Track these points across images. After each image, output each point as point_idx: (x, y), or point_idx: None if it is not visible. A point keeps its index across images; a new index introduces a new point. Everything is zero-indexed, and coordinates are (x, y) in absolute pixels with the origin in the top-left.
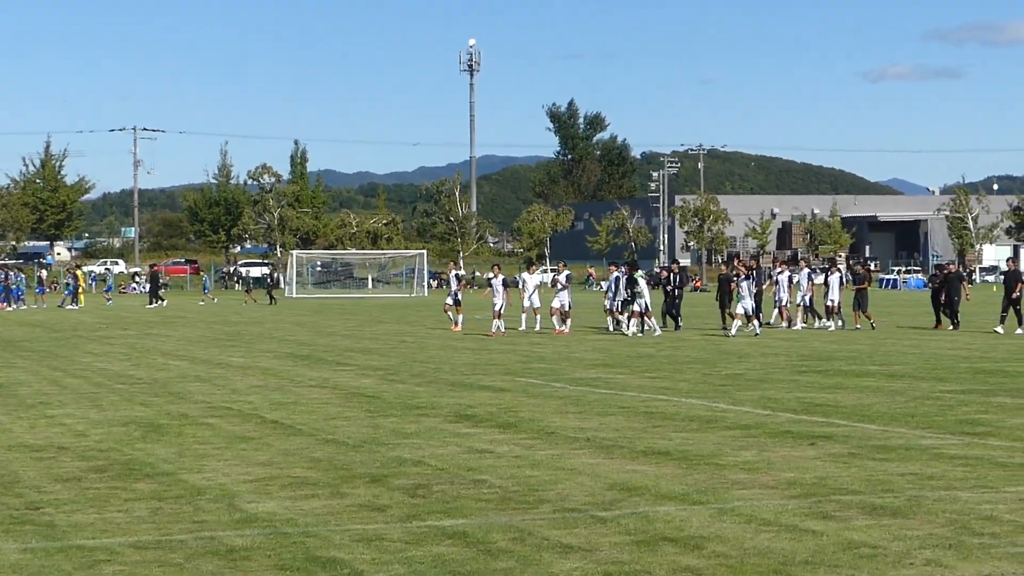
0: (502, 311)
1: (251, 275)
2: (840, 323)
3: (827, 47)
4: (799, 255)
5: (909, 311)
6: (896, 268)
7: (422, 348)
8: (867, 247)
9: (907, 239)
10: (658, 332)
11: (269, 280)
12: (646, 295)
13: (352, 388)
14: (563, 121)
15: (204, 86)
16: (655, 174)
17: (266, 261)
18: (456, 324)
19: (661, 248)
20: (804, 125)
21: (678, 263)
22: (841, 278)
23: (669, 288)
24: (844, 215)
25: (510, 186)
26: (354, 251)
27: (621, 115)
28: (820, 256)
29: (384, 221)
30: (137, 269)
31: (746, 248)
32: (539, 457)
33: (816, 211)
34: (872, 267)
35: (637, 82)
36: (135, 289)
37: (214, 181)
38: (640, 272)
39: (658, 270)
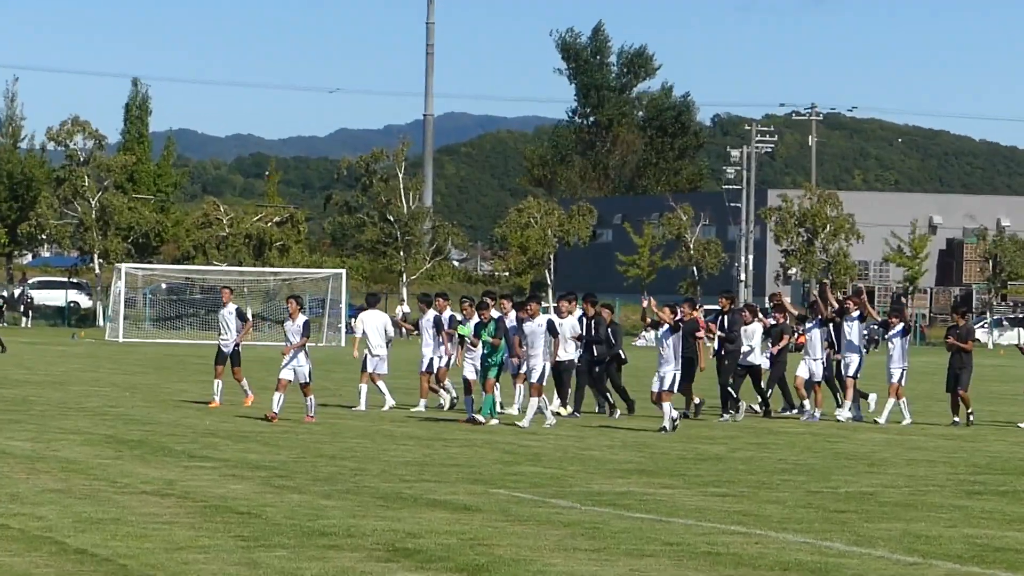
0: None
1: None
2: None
3: None
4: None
5: None
6: None
7: (335, 434)
8: None
9: None
10: (735, 415)
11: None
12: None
13: (215, 498)
14: (583, 59)
15: None
16: (734, 152)
17: (72, 280)
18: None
19: (740, 276)
20: (985, 83)
21: (730, 294)
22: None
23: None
24: None
25: (490, 165)
26: (224, 267)
27: (678, 53)
28: (1008, 298)
29: (277, 218)
30: None
31: (883, 278)
32: None
33: (1006, 222)
34: None
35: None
36: None
37: None
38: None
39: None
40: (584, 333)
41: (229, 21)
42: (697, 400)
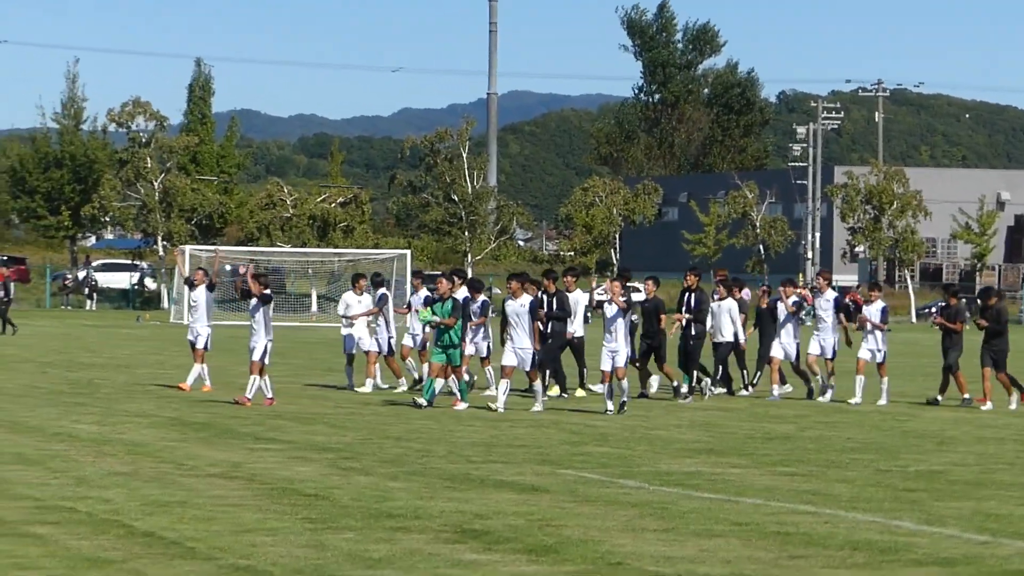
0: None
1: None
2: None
3: None
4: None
5: None
6: None
7: (401, 416)
8: None
9: None
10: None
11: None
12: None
13: (281, 480)
14: (649, 36)
15: None
16: (800, 130)
17: (137, 262)
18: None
19: (807, 254)
20: None
21: (696, 271)
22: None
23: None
24: None
25: (554, 144)
26: (288, 249)
27: (743, 29)
28: None
29: (341, 199)
30: None
31: (951, 256)
32: None
33: None
34: None
35: None
36: None
37: (54, 126)
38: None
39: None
40: (547, 311)
41: (292, 1)
42: (675, 383)
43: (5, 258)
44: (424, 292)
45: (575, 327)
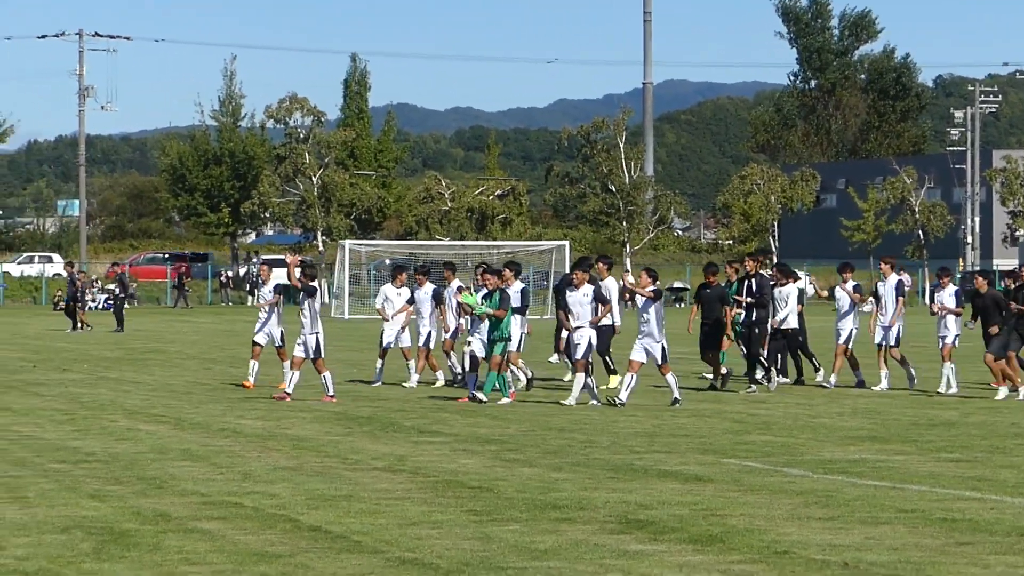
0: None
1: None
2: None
3: None
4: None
5: None
6: None
7: (563, 408)
8: None
9: None
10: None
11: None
12: None
13: (446, 473)
14: (804, 23)
15: None
16: (958, 114)
17: (303, 257)
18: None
19: (967, 239)
20: None
21: (756, 256)
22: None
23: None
24: None
25: (710, 132)
26: (447, 242)
27: (899, 14)
28: None
29: (498, 191)
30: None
31: None
32: None
33: None
34: None
35: None
36: (92, 303)
37: (213, 123)
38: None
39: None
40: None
41: None
42: (724, 370)
43: (166, 255)
44: (456, 283)
45: (615, 316)
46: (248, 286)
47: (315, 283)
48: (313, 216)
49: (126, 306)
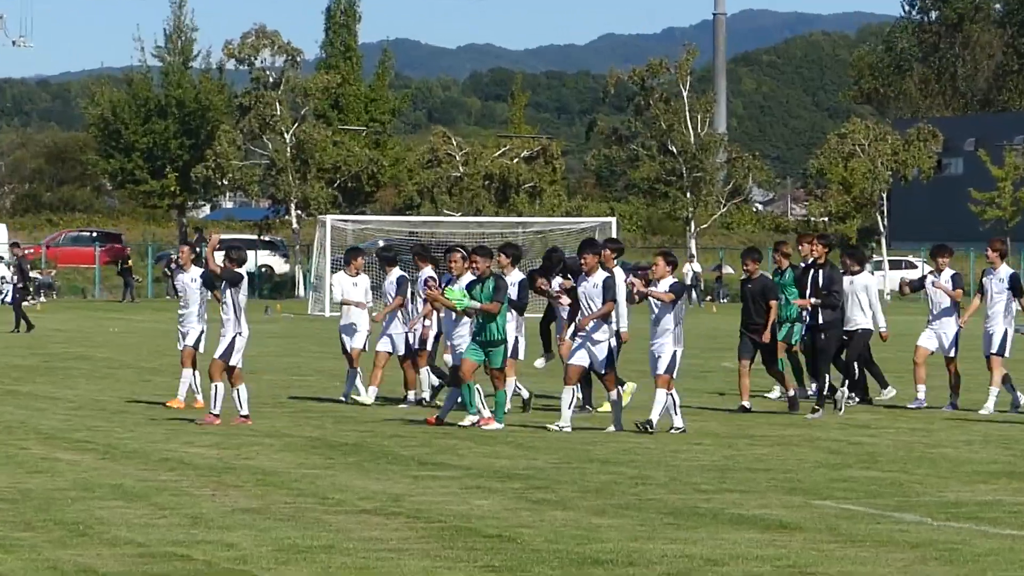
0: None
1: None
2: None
3: None
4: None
5: None
6: None
7: (607, 435)
8: None
9: None
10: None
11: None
12: None
13: (455, 517)
14: None
15: None
16: None
17: (263, 238)
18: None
19: None
20: None
21: (826, 239)
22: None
23: None
24: None
25: (801, 78)
26: (458, 218)
27: None
28: None
29: (525, 153)
30: None
31: None
32: None
33: None
34: None
35: None
36: None
37: (156, 63)
38: None
39: None
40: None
41: None
42: (792, 390)
43: (95, 233)
44: (427, 272)
45: (621, 320)
46: (165, 272)
47: (242, 270)
48: (285, 184)
49: (36, 300)
